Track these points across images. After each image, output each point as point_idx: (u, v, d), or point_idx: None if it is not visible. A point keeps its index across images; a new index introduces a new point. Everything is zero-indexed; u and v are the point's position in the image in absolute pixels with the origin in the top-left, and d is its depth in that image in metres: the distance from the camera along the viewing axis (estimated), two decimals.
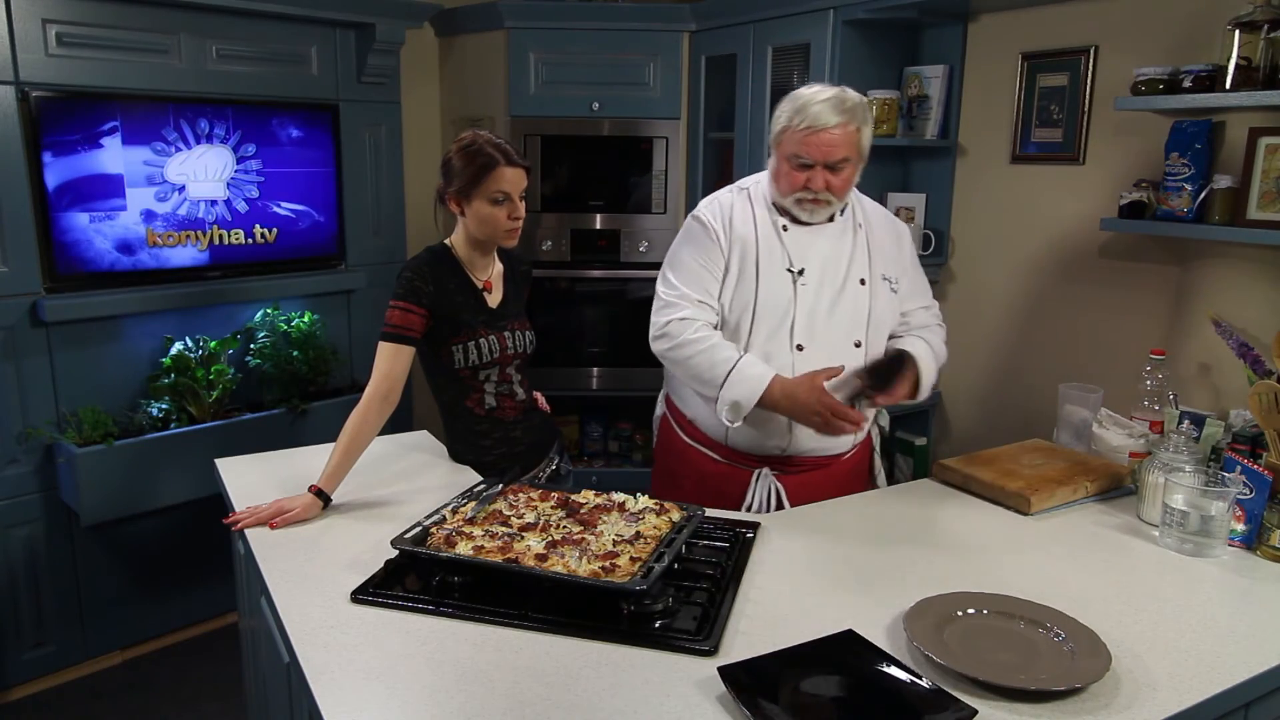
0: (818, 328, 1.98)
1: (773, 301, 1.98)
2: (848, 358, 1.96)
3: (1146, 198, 2.39)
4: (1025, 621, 1.39)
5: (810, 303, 1.98)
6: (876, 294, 2.02)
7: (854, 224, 2.05)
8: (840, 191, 1.95)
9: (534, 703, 1.20)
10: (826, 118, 1.87)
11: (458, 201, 2.00)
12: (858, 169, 1.96)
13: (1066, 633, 1.35)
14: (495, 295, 2.10)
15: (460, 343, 2.02)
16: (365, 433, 1.91)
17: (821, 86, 1.93)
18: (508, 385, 2.11)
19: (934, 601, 1.43)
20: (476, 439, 2.10)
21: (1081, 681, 1.23)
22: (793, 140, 1.91)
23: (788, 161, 1.94)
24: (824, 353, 1.96)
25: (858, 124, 1.91)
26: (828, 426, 1.86)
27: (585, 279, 3.67)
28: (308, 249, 3.38)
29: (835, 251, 2.01)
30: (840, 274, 2.00)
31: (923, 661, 1.29)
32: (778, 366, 1.94)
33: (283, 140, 3.24)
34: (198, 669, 3.10)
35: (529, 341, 2.14)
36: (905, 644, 1.34)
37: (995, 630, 1.38)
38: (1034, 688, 1.22)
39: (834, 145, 1.88)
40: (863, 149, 1.94)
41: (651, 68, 3.52)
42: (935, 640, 1.32)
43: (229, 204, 3.14)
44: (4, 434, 2.78)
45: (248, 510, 1.79)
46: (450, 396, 2.10)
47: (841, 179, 1.93)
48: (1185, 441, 1.83)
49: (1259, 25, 2.09)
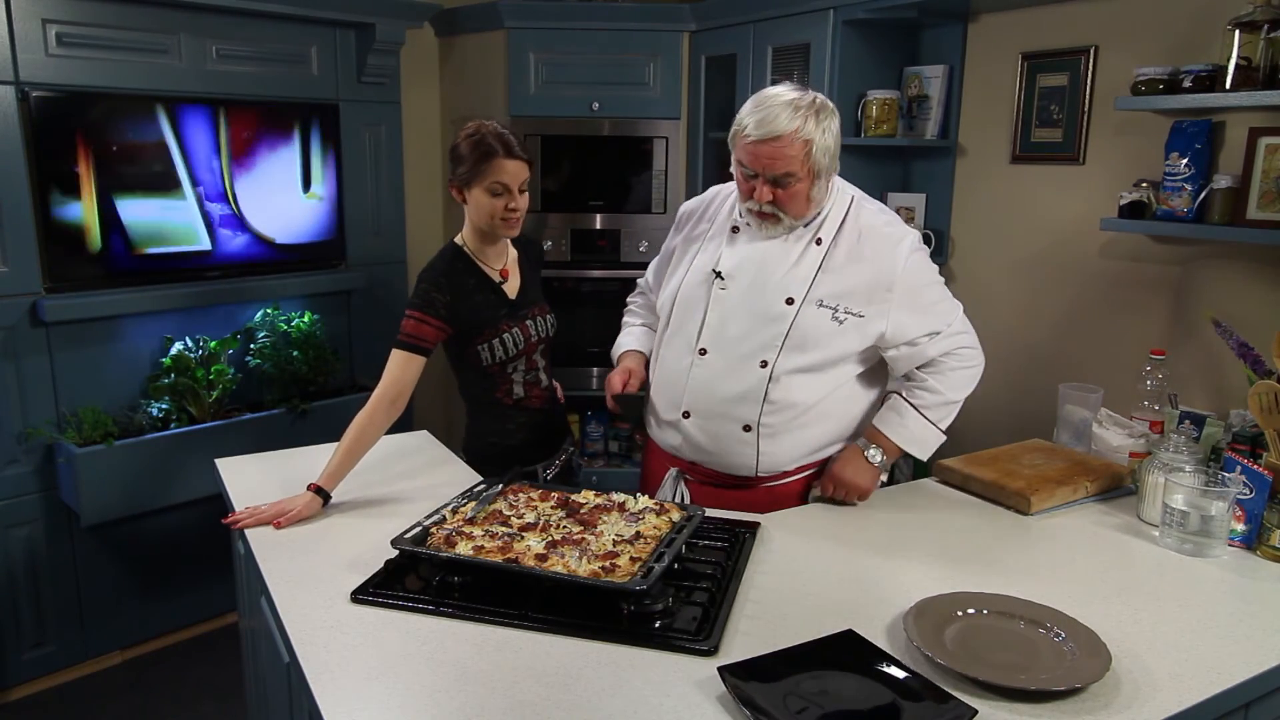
0: (725, 337, 1.85)
1: (688, 299, 1.91)
2: (749, 375, 1.83)
3: (1146, 198, 2.39)
4: (1025, 621, 1.39)
5: (723, 309, 1.86)
6: (804, 318, 1.81)
7: (812, 238, 1.84)
8: (791, 207, 1.78)
9: (534, 703, 1.20)
10: (769, 126, 1.69)
11: (459, 189, 2.02)
12: (814, 183, 1.76)
13: (1066, 633, 1.35)
14: (513, 283, 2.12)
15: (485, 341, 2.05)
16: (369, 434, 1.91)
17: (783, 89, 1.75)
18: (534, 373, 2.15)
19: (934, 601, 1.43)
20: (502, 423, 2.14)
21: (1081, 681, 1.23)
22: (739, 146, 1.77)
23: (738, 167, 1.81)
24: (724, 364, 1.85)
25: (809, 135, 1.70)
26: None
27: (585, 279, 3.67)
28: (307, 249, 3.38)
29: (772, 261, 1.85)
30: (768, 286, 1.84)
31: (922, 661, 1.29)
32: (679, 366, 1.91)
33: (283, 140, 3.24)
34: (198, 669, 3.10)
35: (550, 325, 2.17)
36: (905, 644, 1.34)
37: (995, 630, 1.38)
38: (1034, 688, 1.22)
39: (774, 159, 1.71)
40: (816, 162, 1.73)
41: (651, 68, 3.52)
42: (935, 640, 1.32)
43: (229, 204, 3.14)
44: (4, 434, 2.78)
45: (248, 510, 1.79)
46: (478, 391, 2.13)
47: (790, 194, 1.76)
48: (1185, 441, 1.83)
49: (1259, 25, 2.08)
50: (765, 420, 1.86)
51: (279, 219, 3.28)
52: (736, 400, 1.86)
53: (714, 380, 1.87)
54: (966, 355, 1.89)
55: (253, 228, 3.21)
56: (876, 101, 3.02)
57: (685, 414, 1.92)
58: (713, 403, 1.88)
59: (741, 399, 1.85)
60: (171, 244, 3.02)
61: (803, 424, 1.88)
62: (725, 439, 1.89)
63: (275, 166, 3.23)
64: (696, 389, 1.89)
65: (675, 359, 1.93)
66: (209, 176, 3.07)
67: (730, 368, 1.86)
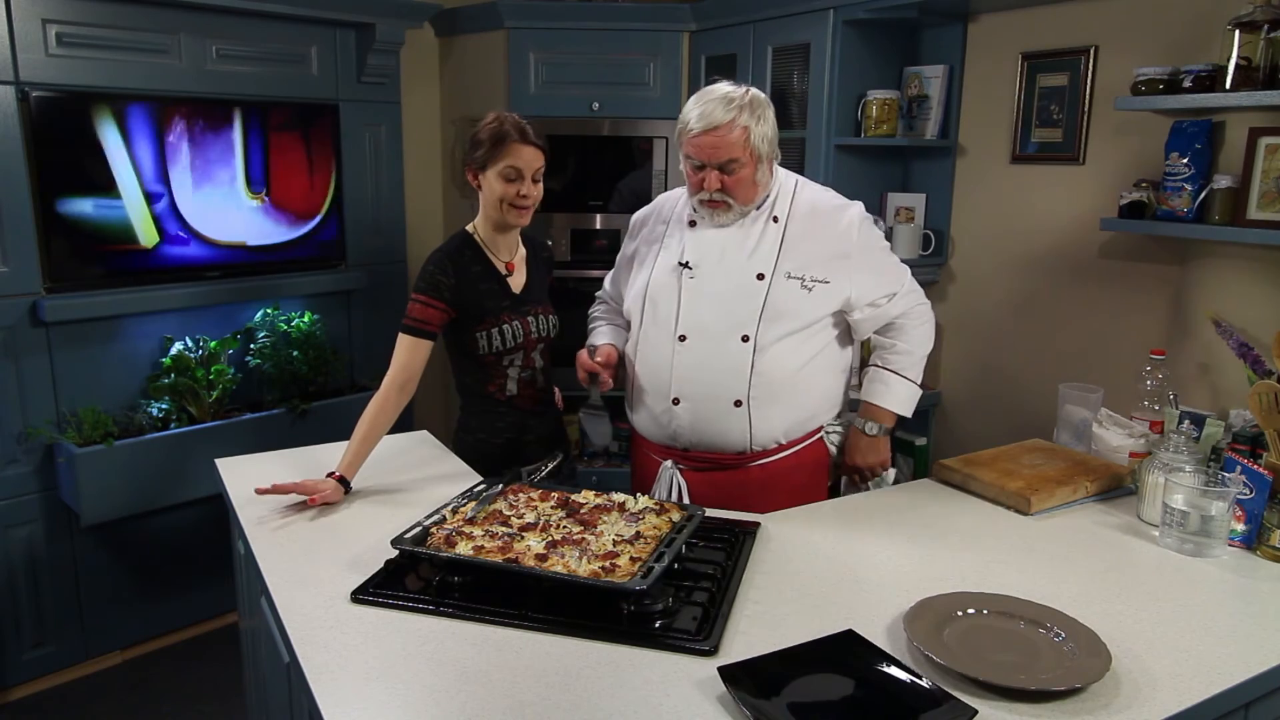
0: (703, 320, 1.95)
1: (659, 292, 2.00)
2: (733, 351, 1.93)
3: (1146, 198, 2.39)
4: (1025, 621, 1.39)
5: (695, 296, 1.96)
6: (776, 289, 1.94)
7: (768, 217, 1.98)
8: (738, 193, 1.91)
9: (534, 703, 1.20)
10: (709, 118, 1.84)
11: (475, 173, 2.04)
12: (758, 168, 1.90)
13: (1066, 633, 1.35)
14: (518, 278, 2.14)
15: (484, 329, 2.06)
16: (382, 421, 1.97)
17: (720, 85, 1.89)
18: (530, 371, 2.15)
19: (934, 601, 1.43)
20: (492, 420, 2.15)
21: (1082, 681, 1.23)
22: (685, 141, 1.90)
23: (686, 162, 1.94)
24: (707, 345, 1.94)
25: (746, 123, 1.85)
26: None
27: (586, 279, 3.66)
28: (308, 249, 3.38)
29: (734, 244, 1.97)
30: (736, 267, 1.95)
31: (923, 661, 1.29)
32: (661, 356, 1.98)
33: (283, 140, 3.24)
34: (198, 669, 3.10)
35: (552, 325, 2.19)
36: (905, 644, 1.34)
37: (995, 630, 1.38)
38: (1034, 688, 1.22)
39: (718, 147, 1.85)
40: (756, 148, 1.87)
41: (651, 68, 3.52)
42: (935, 640, 1.32)
43: (229, 204, 3.14)
44: (4, 434, 2.78)
45: (275, 485, 1.81)
46: (472, 379, 2.14)
47: (736, 180, 1.89)
48: (1185, 441, 1.83)
49: (1259, 25, 2.09)
50: (754, 393, 1.94)
51: (279, 219, 3.28)
52: (724, 377, 1.93)
53: (699, 363, 1.95)
54: (922, 312, 2.08)
55: (253, 227, 3.21)
56: (876, 101, 3.02)
57: (675, 400, 1.97)
58: (701, 385, 1.95)
59: (728, 375, 1.93)
60: (172, 243, 3.02)
61: (791, 392, 1.97)
62: (717, 419, 1.96)
63: (275, 166, 3.23)
64: (683, 374, 1.96)
65: (656, 349, 1.99)
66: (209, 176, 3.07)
67: (713, 349, 1.94)
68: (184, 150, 2.99)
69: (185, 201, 3.02)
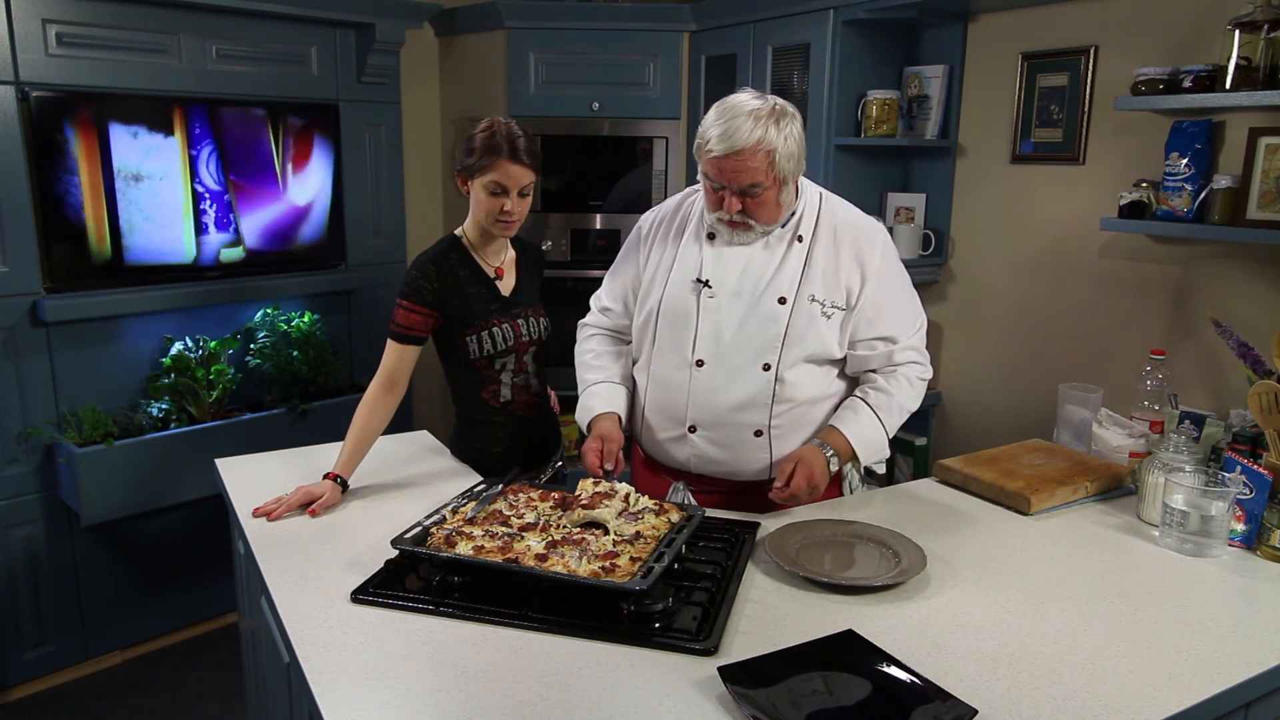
0: (722, 346, 1.85)
1: (674, 311, 1.88)
2: (754, 380, 1.84)
3: (1146, 198, 2.39)
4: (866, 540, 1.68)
5: (715, 317, 1.85)
6: (799, 315, 1.83)
7: (793, 236, 1.86)
8: (760, 214, 1.79)
9: (534, 703, 1.20)
10: (731, 140, 1.69)
11: (463, 179, 2.01)
12: (782, 190, 1.77)
13: (899, 548, 1.63)
14: (508, 282, 2.11)
15: (474, 333, 2.03)
16: (373, 422, 1.95)
17: (744, 97, 1.74)
18: (524, 375, 2.12)
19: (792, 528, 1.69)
20: (488, 430, 2.12)
21: (904, 578, 1.51)
22: (704, 160, 1.76)
23: (704, 179, 1.81)
24: (725, 372, 1.84)
25: (771, 144, 1.70)
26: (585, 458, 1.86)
27: (585, 279, 3.66)
28: (308, 249, 3.38)
29: (757, 265, 1.85)
30: (758, 290, 1.84)
31: (775, 571, 1.43)
32: (676, 380, 1.89)
33: (283, 140, 3.24)
34: (198, 669, 3.10)
35: (544, 328, 2.15)
36: (905, 644, 1.34)
37: (840, 545, 1.68)
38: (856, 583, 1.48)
39: (739, 171, 1.72)
40: (780, 170, 1.73)
41: (651, 68, 3.52)
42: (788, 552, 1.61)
43: (229, 203, 3.14)
44: (4, 434, 2.78)
45: (274, 501, 1.81)
46: (465, 386, 2.11)
47: (758, 203, 1.77)
48: (1185, 441, 1.83)
49: (1259, 25, 2.09)
50: (775, 422, 1.87)
51: (279, 218, 3.28)
52: (743, 407, 1.86)
53: (717, 390, 1.86)
54: (918, 372, 1.92)
55: (253, 227, 3.21)
56: (876, 101, 3.02)
57: (692, 428, 1.90)
58: (719, 412, 1.87)
59: (749, 405, 1.85)
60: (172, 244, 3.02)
61: (811, 419, 1.89)
62: (736, 447, 1.89)
63: (275, 166, 3.23)
64: (700, 401, 1.88)
65: (669, 374, 1.91)
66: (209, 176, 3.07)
67: (732, 375, 1.85)
68: (188, 149, 2.99)
69: (185, 201, 3.02)
